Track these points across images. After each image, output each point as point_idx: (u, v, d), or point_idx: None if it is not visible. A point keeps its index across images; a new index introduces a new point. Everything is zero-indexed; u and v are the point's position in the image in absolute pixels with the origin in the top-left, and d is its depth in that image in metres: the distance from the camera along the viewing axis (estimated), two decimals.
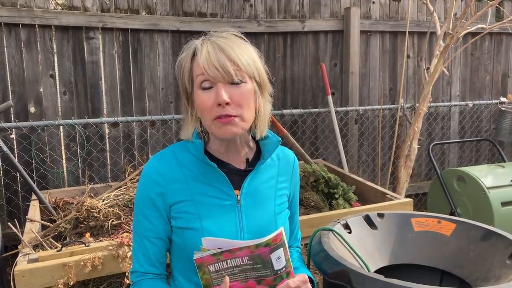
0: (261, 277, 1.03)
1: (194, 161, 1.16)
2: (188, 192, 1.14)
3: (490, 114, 4.39)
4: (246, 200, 1.16)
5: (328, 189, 2.64)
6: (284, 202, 1.24)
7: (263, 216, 1.18)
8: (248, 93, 1.09)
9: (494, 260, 1.30)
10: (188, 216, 1.13)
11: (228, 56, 1.06)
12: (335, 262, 1.18)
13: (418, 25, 3.89)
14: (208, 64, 1.05)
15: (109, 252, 1.84)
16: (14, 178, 2.89)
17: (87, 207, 2.22)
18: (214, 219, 1.12)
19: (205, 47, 1.07)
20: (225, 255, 1.01)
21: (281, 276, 1.04)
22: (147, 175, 1.16)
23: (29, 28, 2.85)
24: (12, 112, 2.86)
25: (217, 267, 1.02)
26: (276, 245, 1.01)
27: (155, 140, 3.25)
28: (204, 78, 1.07)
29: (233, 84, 1.06)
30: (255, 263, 1.01)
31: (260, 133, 1.17)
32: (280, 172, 1.25)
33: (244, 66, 1.07)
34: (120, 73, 3.13)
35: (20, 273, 1.70)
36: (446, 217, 1.50)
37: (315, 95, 3.67)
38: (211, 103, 1.06)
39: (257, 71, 1.11)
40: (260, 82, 1.13)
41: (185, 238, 1.12)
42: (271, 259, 1.02)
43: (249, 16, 3.43)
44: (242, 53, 1.08)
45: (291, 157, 1.30)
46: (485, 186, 3.16)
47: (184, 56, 1.14)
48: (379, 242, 1.47)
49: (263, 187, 1.20)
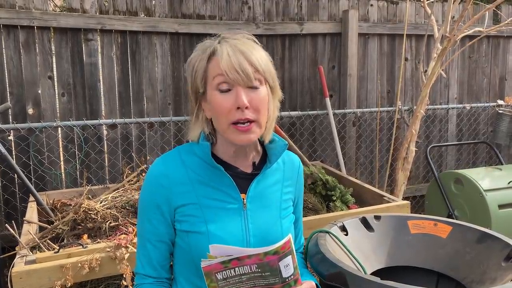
0: (269, 284, 1.02)
1: (200, 163, 1.15)
2: (194, 195, 1.13)
3: (488, 116, 4.41)
4: (252, 203, 1.15)
5: (325, 191, 2.64)
6: (289, 207, 1.24)
7: (269, 220, 1.17)
8: (264, 97, 1.08)
9: (489, 262, 1.31)
10: (194, 220, 1.12)
11: (248, 60, 1.04)
12: (331, 264, 1.19)
13: (416, 28, 3.91)
14: (229, 67, 1.03)
15: (106, 253, 1.84)
16: (12, 180, 2.89)
17: (85, 208, 2.22)
18: (219, 222, 1.11)
19: (225, 49, 1.05)
20: (234, 262, 0.99)
21: (289, 284, 1.03)
22: (153, 177, 1.15)
23: (28, 30, 2.86)
24: (10, 113, 2.86)
25: (225, 275, 1.00)
26: (285, 253, 1.00)
27: (153, 142, 3.25)
28: (223, 80, 1.05)
29: (251, 88, 1.06)
30: (264, 271, 1.00)
31: (268, 137, 1.17)
32: (285, 176, 1.24)
33: (263, 69, 1.07)
34: (119, 75, 3.13)
35: (17, 274, 1.70)
36: (442, 220, 1.50)
37: (313, 97, 3.68)
38: (229, 106, 1.05)
39: (271, 76, 1.11)
40: (273, 87, 1.13)
41: (190, 242, 1.11)
42: (279, 267, 1.00)
43: (247, 19, 3.44)
44: (260, 57, 1.08)
45: (297, 162, 1.30)
46: (482, 189, 3.16)
47: (198, 55, 1.11)
48: (375, 244, 1.48)
49: (269, 191, 1.19)
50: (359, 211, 2.36)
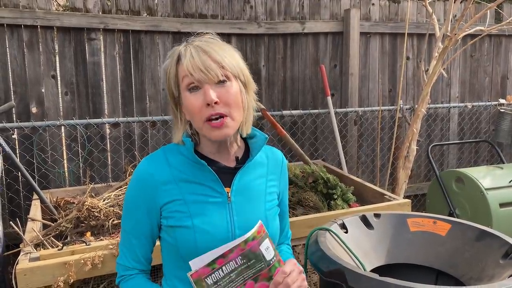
0: (257, 273, 1.06)
1: (185, 161, 1.18)
2: (178, 192, 1.16)
3: (489, 115, 4.41)
4: (237, 197, 1.19)
5: (327, 190, 2.66)
6: (274, 200, 1.28)
7: (254, 212, 1.20)
8: (234, 91, 1.12)
9: (488, 260, 1.32)
10: (180, 215, 1.15)
11: (211, 58, 1.09)
12: (331, 261, 1.20)
13: (417, 27, 3.91)
14: (193, 67, 1.08)
15: (109, 251, 1.87)
16: (16, 178, 2.92)
17: (88, 206, 2.25)
18: (205, 216, 1.15)
19: (189, 51, 1.11)
20: (219, 261, 1.03)
21: (274, 265, 1.07)
22: (138, 176, 1.19)
23: (31, 29, 2.88)
24: (14, 112, 2.89)
25: (214, 278, 1.03)
26: (262, 236, 1.06)
27: (155, 140, 3.27)
28: (190, 80, 1.10)
29: (219, 83, 1.10)
30: (249, 259, 1.05)
31: (246, 130, 1.20)
32: (269, 171, 1.28)
33: (228, 66, 1.11)
34: (121, 74, 3.15)
35: (22, 271, 1.72)
36: (441, 218, 1.52)
37: (315, 96, 3.69)
38: (200, 104, 1.09)
39: (241, 70, 1.15)
40: (245, 81, 1.17)
41: (177, 237, 1.15)
42: (261, 251, 1.06)
43: (249, 18, 3.45)
44: (225, 54, 1.12)
45: (280, 157, 1.34)
46: (483, 187, 3.17)
47: (168, 62, 1.17)
48: (375, 242, 1.49)
49: (253, 184, 1.23)
50: (360, 210, 2.37)
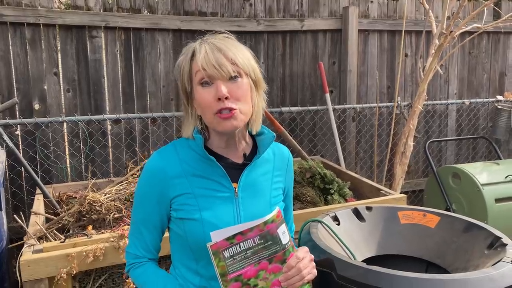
0: (272, 254, 1.11)
1: (194, 156, 1.23)
2: (188, 185, 1.21)
3: (487, 112, 4.44)
4: (244, 192, 1.24)
5: (323, 185, 2.70)
6: (279, 195, 1.32)
7: (260, 207, 1.25)
8: (245, 88, 1.17)
9: (473, 250, 1.37)
10: (189, 208, 1.20)
11: (225, 55, 1.14)
12: (321, 251, 1.25)
13: (416, 24, 3.94)
14: (207, 63, 1.13)
15: (110, 243, 1.92)
16: (19, 173, 2.97)
17: (90, 201, 2.30)
18: (213, 210, 1.20)
19: (203, 48, 1.16)
20: (238, 237, 1.08)
21: (288, 249, 1.13)
22: (150, 170, 1.25)
23: (34, 27, 2.93)
24: (17, 109, 2.94)
25: (231, 252, 1.08)
26: (280, 220, 1.12)
27: (156, 136, 3.32)
28: (203, 76, 1.15)
29: (230, 80, 1.15)
30: (266, 240, 1.10)
31: (255, 128, 1.25)
32: (275, 167, 1.33)
33: (240, 63, 1.16)
34: (122, 71, 3.20)
35: (26, 262, 1.78)
36: (431, 210, 1.56)
37: (314, 93, 3.73)
38: (211, 98, 1.14)
39: (252, 69, 1.20)
40: (255, 80, 1.22)
41: (186, 228, 1.20)
42: (278, 234, 1.11)
43: (248, 15, 3.49)
44: (238, 52, 1.17)
45: (286, 153, 1.39)
46: (479, 183, 3.21)
47: (183, 58, 1.22)
48: (366, 233, 1.54)
49: (260, 180, 1.27)
50: (355, 204, 2.41)
